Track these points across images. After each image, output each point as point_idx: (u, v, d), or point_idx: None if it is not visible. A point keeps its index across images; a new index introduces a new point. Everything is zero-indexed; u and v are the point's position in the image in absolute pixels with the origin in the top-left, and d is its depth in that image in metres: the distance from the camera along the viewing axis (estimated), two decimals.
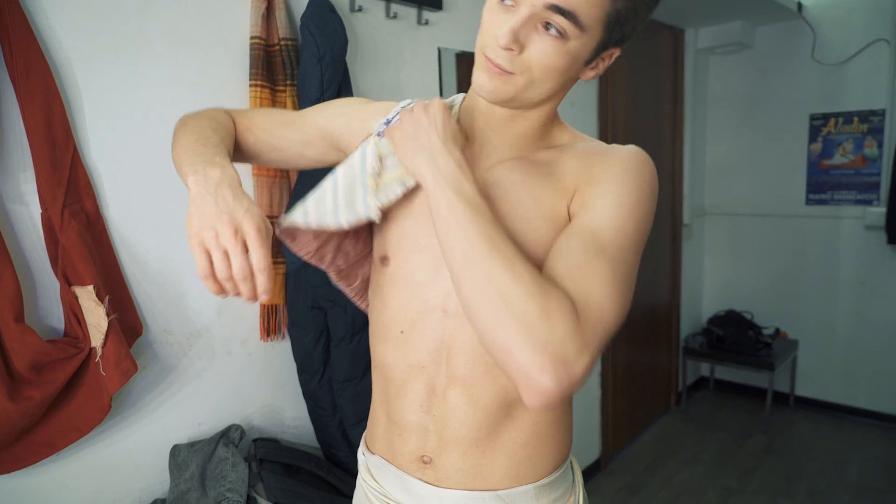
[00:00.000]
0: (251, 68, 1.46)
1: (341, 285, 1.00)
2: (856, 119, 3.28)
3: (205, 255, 0.67)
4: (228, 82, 1.46)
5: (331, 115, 0.94)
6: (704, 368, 3.97)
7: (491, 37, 0.73)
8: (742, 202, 3.72)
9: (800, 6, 3.29)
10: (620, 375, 3.11)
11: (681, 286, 3.63)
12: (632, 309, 0.74)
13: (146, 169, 1.34)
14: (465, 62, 2.05)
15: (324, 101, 1.46)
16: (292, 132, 0.94)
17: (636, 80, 3.06)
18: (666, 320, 3.56)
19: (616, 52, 0.80)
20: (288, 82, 1.50)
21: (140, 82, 1.31)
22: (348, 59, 1.61)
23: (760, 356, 3.31)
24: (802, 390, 3.61)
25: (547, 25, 0.71)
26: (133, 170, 1.32)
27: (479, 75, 0.76)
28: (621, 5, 0.72)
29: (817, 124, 3.41)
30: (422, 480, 0.85)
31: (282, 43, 1.49)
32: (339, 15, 1.52)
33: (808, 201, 3.48)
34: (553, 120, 0.86)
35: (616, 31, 0.75)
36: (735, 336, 3.42)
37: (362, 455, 0.97)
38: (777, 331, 3.52)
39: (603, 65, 0.80)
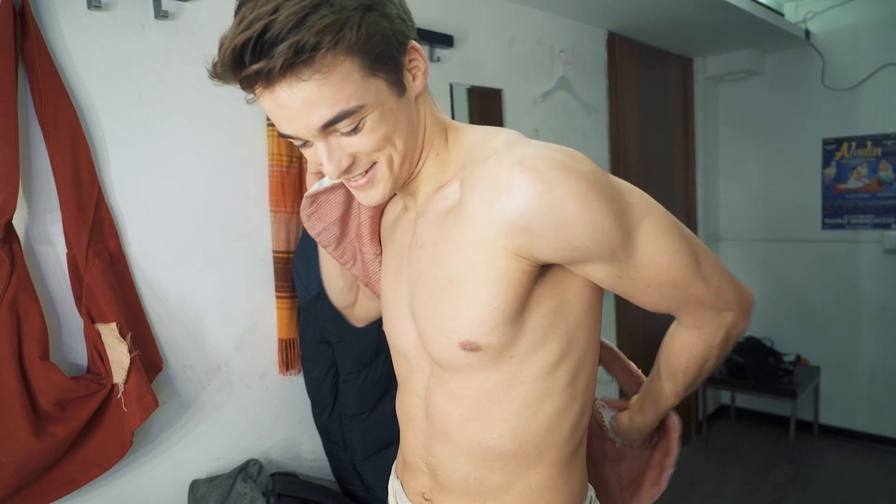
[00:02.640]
0: None
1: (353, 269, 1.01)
2: (869, 143, 3.27)
3: None
4: (246, 122, 1.51)
5: None
6: (725, 396, 3.90)
7: (326, 173, 0.70)
8: (757, 228, 3.70)
9: (807, 33, 3.32)
10: None
11: None
12: (649, 336, 0.77)
13: (166, 208, 1.38)
14: (475, 96, 2.09)
15: None
16: None
17: (646, 110, 3.09)
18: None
19: (412, 45, 0.71)
20: None
21: (161, 126, 1.36)
22: None
23: (782, 383, 3.26)
24: (827, 418, 3.53)
25: (341, 132, 0.67)
26: (154, 210, 1.36)
27: (358, 196, 0.76)
28: (360, 53, 0.64)
29: (830, 149, 3.40)
30: None
31: None
32: None
33: (825, 226, 3.46)
34: (454, 147, 0.79)
35: (387, 57, 0.67)
36: (755, 363, 3.37)
37: (394, 480, 0.99)
38: (798, 357, 3.46)
39: (418, 65, 0.72)
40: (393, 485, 0.98)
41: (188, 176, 1.41)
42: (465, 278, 0.70)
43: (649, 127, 3.13)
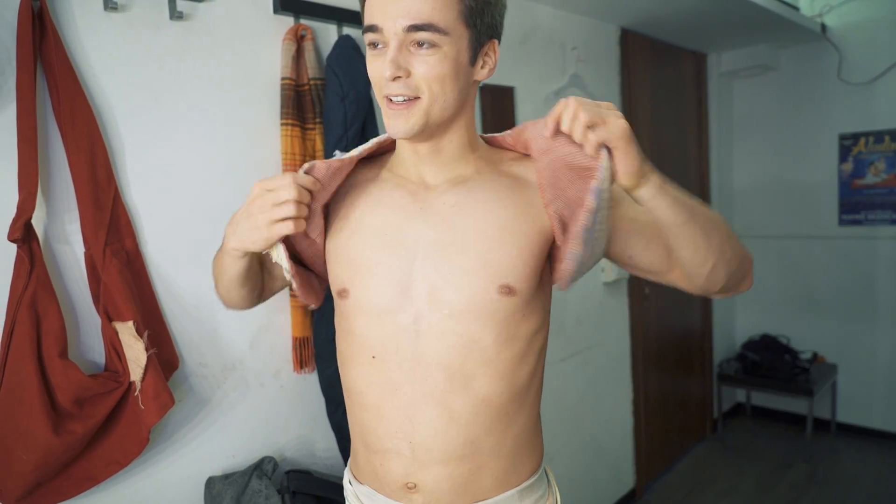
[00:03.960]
0: (282, 108, 1.51)
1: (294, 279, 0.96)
2: (887, 138, 3.23)
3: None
4: (260, 122, 1.52)
5: None
6: (740, 395, 3.87)
7: (379, 78, 0.80)
8: (773, 224, 3.66)
9: (823, 27, 3.28)
10: (653, 403, 3.05)
11: (712, 311, 3.57)
12: (663, 335, 0.79)
13: (182, 207, 1.39)
14: (488, 94, 2.09)
15: (347, 137, 1.51)
16: None
17: (659, 106, 3.07)
18: (699, 346, 3.49)
19: (494, 44, 0.86)
20: (317, 120, 1.55)
21: (177, 125, 1.37)
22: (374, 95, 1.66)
23: (798, 381, 3.22)
24: (844, 416, 3.49)
25: (419, 44, 0.78)
26: (170, 208, 1.37)
27: (389, 122, 0.82)
28: (468, 1, 0.79)
29: (847, 144, 3.36)
30: None
31: (311, 83, 1.54)
32: (363, 55, 1.57)
33: (842, 222, 3.41)
34: (475, 136, 0.91)
35: (479, 23, 0.81)
36: (771, 361, 3.34)
37: (349, 484, 0.97)
38: (815, 355, 3.43)
39: (490, 59, 0.86)
40: (357, 489, 0.94)
41: (203, 175, 1.42)
42: (517, 229, 0.83)
43: (662, 123, 3.11)
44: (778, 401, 3.68)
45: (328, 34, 1.63)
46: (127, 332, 1.21)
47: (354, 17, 1.64)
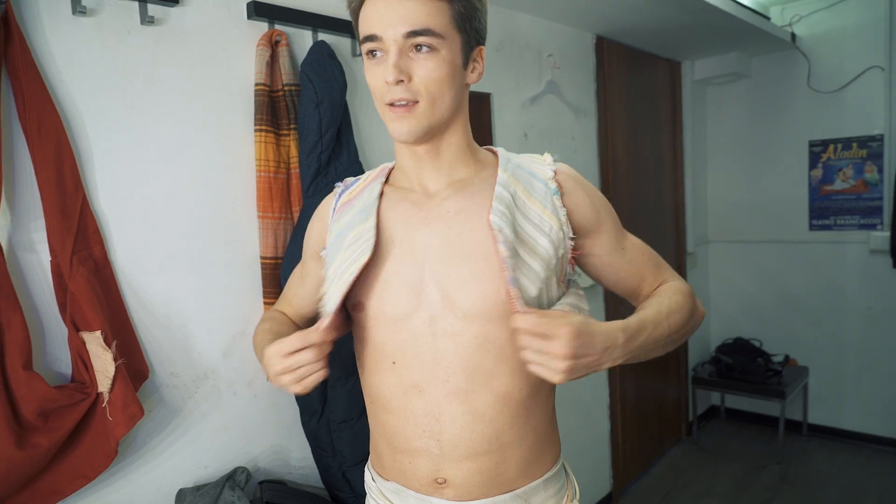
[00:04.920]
0: (256, 114, 1.50)
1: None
2: (855, 145, 3.31)
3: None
4: (234, 128, 1.50)
5: (307, 254, 1.09)
6: (715, 397, 3.92)
7: (381, 84, 0.84)
8: (745, 229, 3.73)
9: (793, 37, 3.35)
10: (629, 407, 3.08)
11: None
12: None
13: (153, 215, 1.36)
14: None
15: (322, 143, 1.51)
16: (309, 283, 1.08)
17: (635, 113, 3.11)
18: (674, 350, 3.52)
19: (482, 49, 0.92)
20: (292, 126, 1.54)
21: (148, 131, 1.35)
22: (350, 100, 1.65)
23: (771, 384, 3.28)
24: (815, 418, 3.55)
25: (417, 48, 0.82)
26: (140, 216, 1.35)
27: (393, 126, 0.86)
28: (458, 6, 0.84)
29: (817, 151, 3.43)
30: (443, 499, 0.89)
31: (285, 89, 1.53)
32: (338, 61, 1.57)
33: (812, 227, 3.49)
34: (471, 139, 0.96)
35: (468, 28, 0.87)
36: (744, 364, 3.39)
37: (373, 481, 0.99)
38: (786, 358, 3.49)
39: (479, 64, 0.92)
40: (383, 485, 0.96)
41: (175, 182, 1.40)
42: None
43: (638, 130, 3.14)
44: (751, 403, 3.74)
45: (303, 40, 1.62)
46: (94, 342, 1.18)
47: (329, 23, 1.63)
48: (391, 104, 0.84)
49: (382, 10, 0.81)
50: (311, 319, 1.10)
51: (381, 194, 0.96)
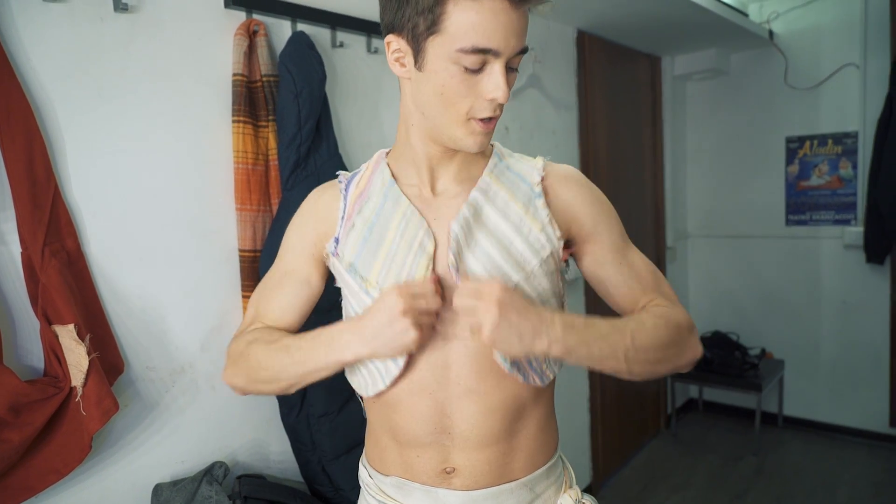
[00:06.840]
0: (233, 105, 1.48)
1: None
2: (830, 141, 3.36)
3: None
4: (211, 119, 1.48)
5: (293, 254, 0.99)
6: (693, 390, 3.98)
7: (481, 100, 0.80)
8: (724, 224, 3.77)
9: (771, 34, 3.39)
10: (609, 400, 3.11)
11: None
12: None
13: (128, 206, 1.34)
14: None
15: (301, 135, 1.49)
16: (290, 289, 0.99)
17: (616, 107, 3.12)
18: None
19: None
20: (270, 118, 1.52)
21: (122, 121, 1.32)
22: (329, 92, 1.64)
23: (748, 377, 3.33)
24: (791, 410, 3.62)
25: (509, 67, 0.80)
26: (115, 207, 1.32)
27: (471, 139, 0.83)
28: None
29: (793, 147, 3.48)
30: (450, 489, 0.89)
31: (264, 79, 1.51)
32: (317, 52, 1.55)
33: (788, 222, 3.54)
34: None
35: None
36: (722, 357, 3.44)
37: (370, 478, 0.98)
38: (763, 351, 3.54)
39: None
40: (382, 481, 0.95)
41: (150, 173, 1.38)
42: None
43: (619, 124, 3.16)
44: (728, 396, 3.79)
45: (282, 30, 1.60)
46: (67, 336, 1.16)
47: (308, 14, 1.61)
48: (483, 120, 0.81)
49: (505, 21, 0.75)
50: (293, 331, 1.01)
51: (381, 192, 0.93)
